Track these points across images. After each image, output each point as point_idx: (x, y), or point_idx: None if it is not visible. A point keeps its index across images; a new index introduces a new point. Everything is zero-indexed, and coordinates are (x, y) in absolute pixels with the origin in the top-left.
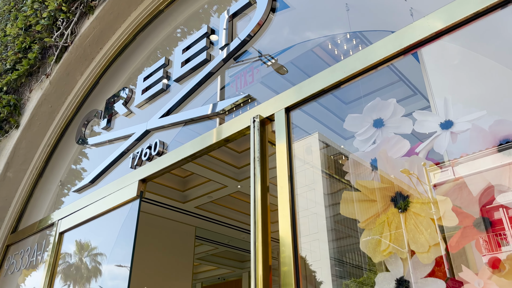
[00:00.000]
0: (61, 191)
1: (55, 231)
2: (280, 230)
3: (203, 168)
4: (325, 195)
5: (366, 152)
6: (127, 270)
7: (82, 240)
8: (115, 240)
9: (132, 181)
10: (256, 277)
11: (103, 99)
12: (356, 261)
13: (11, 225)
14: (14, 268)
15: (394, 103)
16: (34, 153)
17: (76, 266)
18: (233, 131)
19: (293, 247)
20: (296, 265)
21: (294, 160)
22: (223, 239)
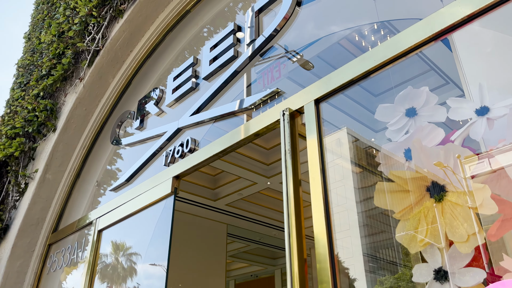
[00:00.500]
0: (98, 191)
1: (93, 229)
2: (314, 225)
3: (233, 166)
4: (356, 190)
5: (399, 143)
6: (163, 267)
7: (119, 237)
8: (151, 236)
9: (166, 178)
10: (292, 273)
11: (135, 100)
12: (390, 257)
13: (52, 225)
14: (56, 266)
15: (426, 91)
16: (71, 155)
17: (113, 264)
18: (262, 125)
19: (328, 243)
20: (332, 261)
21: (325, 152)
22: (254, 236)
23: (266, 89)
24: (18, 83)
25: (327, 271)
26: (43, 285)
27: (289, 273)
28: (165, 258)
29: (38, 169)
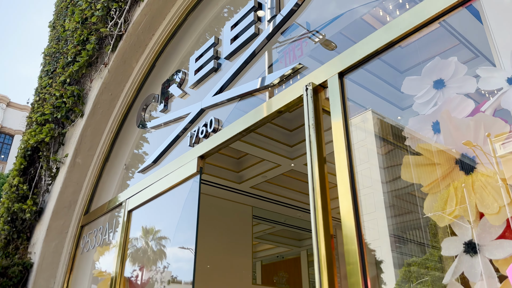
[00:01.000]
0: (126, 174)
1: (123, 210)
2: (341, 206)
3: (256, 148)
4: (381, 170)
5: (427, 115)
6: (191, 250)
7: (148, 217)
8: (179, 216)
9: (191, 158)
10: (319, 254)
11: (158, 83)
12: (417, 237)
13: (83, 207)
14: (89, 246)
15: (455, 61)
16: (99, 139)
17: (143, 246)
18: (285, 102)
19: (355, 224)
20: (360, 243)
21: (350, 127)
22: (279, 218)
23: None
24: (45, 71)
25: (355, 252)
26: (77, 265)
27: (316, 253)
28: (193, 237)
29: (68, 154)
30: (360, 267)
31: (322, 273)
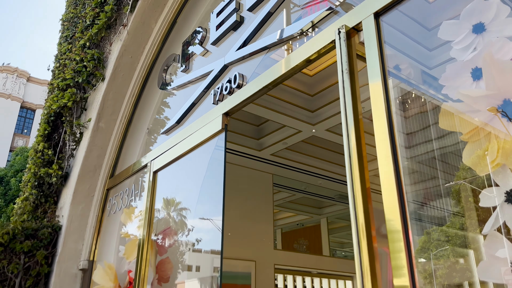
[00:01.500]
0: (149, 139)
1: (148, 171)
2: (380, 171)
3: (277, 114)
4: (402, 135)
5: (466, 62)
6: (218, 205)
7: (173, 179)
8: (204, 176)
9: (215, 116)
10: (357, 222)
11: (179, 43)
12: (440, 204)
13: (108, 171)
14: (116, 208)
15: (497, 2)
16: (121, 103)
17: (169, 207)
18: (315, 49)
19: (398, 192)
20: (403, 211)
21: (387, 72)
22: (299, 186)
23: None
24: (64, 37)
25: (397, 221)
26: (105, 227)
27: (354, 221)
28: (219, 197)
29: (91, 119)
30: (404, 237)
31: (361, 241)
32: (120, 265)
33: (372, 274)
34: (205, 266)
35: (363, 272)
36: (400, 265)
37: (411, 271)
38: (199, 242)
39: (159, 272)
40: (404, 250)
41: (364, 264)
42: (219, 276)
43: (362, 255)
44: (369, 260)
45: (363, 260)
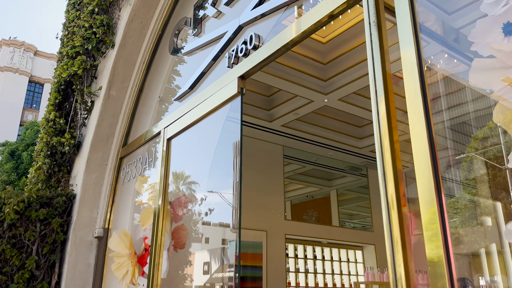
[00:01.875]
0: (161, 107)
1: (162, 139)
2: (412, 138)
3: (289, 83)
4: (435, 96)
5: (497, 16)
6: (230, 170)
7: (187, 146)
8: (217, 142)
9: (231, 79)
10: (386, 193)
11: (190, 6)
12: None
13: (121, 139)
14: (130, 176)
15: None
16: (131, 70)
17: (183, 175)
18: (339, 3)
19: (431, 161)
20: (437, 182)
21: (419, 26)
22: (310, 157)
23: None
24: (72, 4)
25: (431, 192)
26: (119, 195)
27: (383, 191)
28: (230, 168)
29: (101, 87)
30: (438, 208)
31: (390, 212)
32: (135, 233)
33: (402, 246)
34: (215, 237)
35: (393, 244)
36: (434, 234)
37: (445, 241)
38: (211, 211)
39: (174, 238)
40: (438, 219)
41: (394, 235)
42: (237, 245)
43: (392, 226)
44: (400, 231)
45: (393, 231)
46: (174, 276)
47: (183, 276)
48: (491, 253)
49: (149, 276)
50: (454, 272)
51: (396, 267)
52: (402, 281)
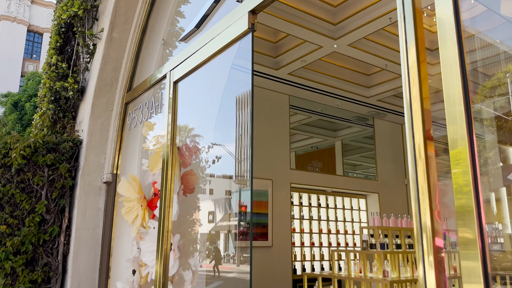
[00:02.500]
0: (165, 51)
1: (168, 82)
2: (444, 83)
3: (297, 27)
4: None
5: None
6: (233, 118)
7: (194, 90)
8: (225, 84)
9: (240, 14)
10: (414, 144)
11: None
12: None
13: (125, 84)
14: (136, 121)
15: None
16: (133, 11)
17: (191, 119)
18: None
19: (465, 107)
20: (470, 131)
21: None
22: (316, 107)
23: None
24: None
25: (464, 143)
26: (126, 140)
27: (411, 141)
28: (233, 116)
29: (103, 28)
30: (470, 160)
31: (417, 162)
32: (144, 178)
33: (429, 195)
34: (220, 188)
35: (419, 193)
36: (464, 183)
37: (475, 183)
38: (218, 160)
39: (184, 183)
40: (470, 169)
41: (420, 184)
42: (250, 193)
43: (419, 175)
44: (426, 181)
45: (419, 180)
46: (184, 220)
47: (192, 221)
48: (495, 201)
49: (160, 219)
50: (483, 218)
51: (421, 216)
52: (428, 230)
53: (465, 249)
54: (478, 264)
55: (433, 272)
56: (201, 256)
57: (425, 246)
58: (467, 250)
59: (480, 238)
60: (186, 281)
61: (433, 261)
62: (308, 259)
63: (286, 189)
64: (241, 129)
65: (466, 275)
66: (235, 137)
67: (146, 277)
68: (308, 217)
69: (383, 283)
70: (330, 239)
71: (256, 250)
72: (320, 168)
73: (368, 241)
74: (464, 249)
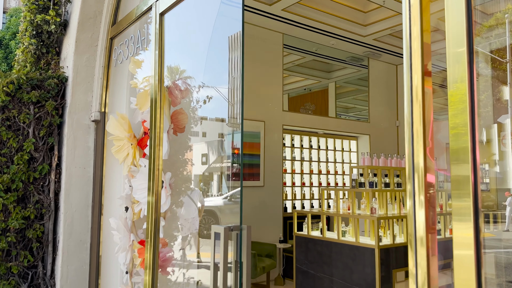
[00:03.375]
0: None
1: (154, 13)
2: (447, 21)
3: None
4: None
5: None
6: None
7: (182, 23)
8: (215, 20)
9: None
10: (411, 85)
11: None
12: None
13: (110, 18)
14: (122, 57)
15: None
16: None
17: (180, 56)
18: None
19: (468, 52)
20: (471, 77)
21: None
22: (310, 47)
23: None
24: None
25: (464, 92)
26: (113, 78)
27: (408, 85)
28: (226, 56)
29: None
30: (469, 106)
31: (414, 105)
32: (133, 116)
33: (424, 137)
34: (213, 131)
35: (413, 135)
36: (461, 123)
37: (472, 128)
38: (209, 100)
39: (174, 122)
40: (468, 109)
41: (415, 127)
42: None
43: (414, 118)
44: (422, 124)
45: (414, 123)
46: (176, 160)
47: (184, 160)
48: (491, 141)
49: (150, 157)
50: (478, 158)
51: (414, 157)
52: (420, 171)
53: (457, 189)
54: (469, 203)
55: (423, 209)
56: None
57: (417, 185)
58: (459, 189)
59: (473, 177)
60: (180, 217)
61: (424, 199)
62: (298, 198)
63: (278, 131)
64: (234, 71)
65: (457, 213)
66: (228, 79)
67: (139, 213)
68: (299, 159)
69: (370, 219)
70: (321, 179)
71: (249, 190)
72: (313, 110)
73: (357, 180)
74: (456, 188)
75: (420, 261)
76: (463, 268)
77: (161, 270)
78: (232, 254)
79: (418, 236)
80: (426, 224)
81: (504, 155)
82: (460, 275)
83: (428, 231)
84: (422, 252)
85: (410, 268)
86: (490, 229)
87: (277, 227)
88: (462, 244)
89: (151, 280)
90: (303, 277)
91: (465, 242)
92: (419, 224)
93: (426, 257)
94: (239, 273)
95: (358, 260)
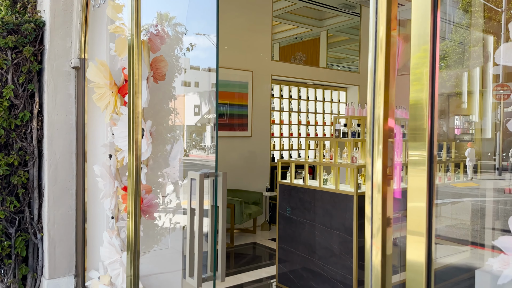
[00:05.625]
0: None
1: None
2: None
3: None
4: None
5: None
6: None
7: None
8: None
9: None
10: (376, 37)
11: None
12: None
13: None
14: (100, 1)
15: None
16: None
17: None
18: None
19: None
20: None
21: None
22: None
23: None
24: None
25: (426, 33)
26: (92, 23)
27: (373, 34)
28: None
29: None
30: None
31: (378, 55)
32: (113, 63)
33: (385, 89)
34: (203, 82)
35: (375, 86)
36: (419, 78)
37: (432, 85)
38: (193, 46)
39: (154, 69)
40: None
41: (378, 78)
42: (215, 90)
43: (377, 68)
44: (384, 75)
45: (378, 74)
46: (160, 109)
47: (168, 109)
48: (472, 93)
49: (129, 105)
50: (436, 115)
51: (375, 109)
52: (380, 122)
53: (413, 140)
54: (425, 153)
55: (381, 159)
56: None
57: (376, 135)
58: (416, 140)
59: (430, 127)
60: (165, 166)
61: (382, 148)
62: (286, 148)
63: (267, 81)
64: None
65: (412, 163)
66: (215, 28)
67: (122, 161)
68: (288, 109)
69: (351, 168)
70: (309, 130)
71: (237, 140)
72: (304, 60)
73: (340, 130)
74: (412, 139)
75: (376, 207)
76: (415, 216)
77: (148, 216)
78: (209, 200)
79: (375, 183)
80: (383, 172)
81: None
82: (412, 221)
83: (385, 179)
84: (378, 197)
85: (366, 213)
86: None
87: (264, 176)
88: (415, 189)
89: (134, 225)
90: (285, 223)
91: (418, 186)
92: (376, 172)
93: (382, 203)
94: (214, 217)
95: (337, 207)
